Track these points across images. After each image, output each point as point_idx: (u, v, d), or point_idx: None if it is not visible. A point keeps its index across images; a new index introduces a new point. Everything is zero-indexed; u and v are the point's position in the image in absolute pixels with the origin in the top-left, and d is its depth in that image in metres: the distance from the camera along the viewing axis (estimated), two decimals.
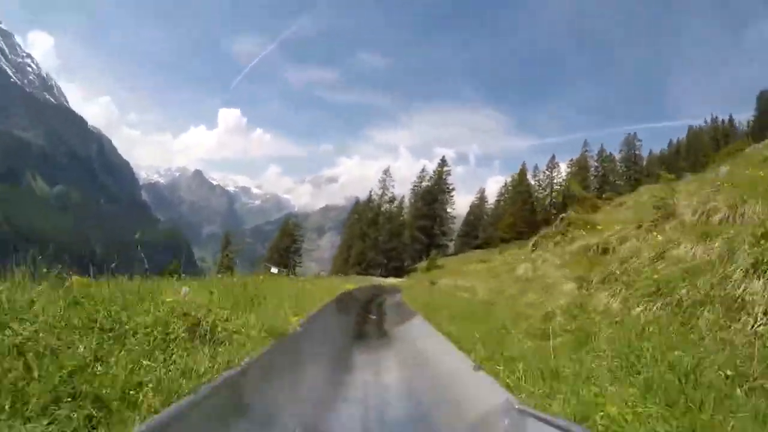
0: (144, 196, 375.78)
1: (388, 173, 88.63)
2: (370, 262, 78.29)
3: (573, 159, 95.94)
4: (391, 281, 44.79)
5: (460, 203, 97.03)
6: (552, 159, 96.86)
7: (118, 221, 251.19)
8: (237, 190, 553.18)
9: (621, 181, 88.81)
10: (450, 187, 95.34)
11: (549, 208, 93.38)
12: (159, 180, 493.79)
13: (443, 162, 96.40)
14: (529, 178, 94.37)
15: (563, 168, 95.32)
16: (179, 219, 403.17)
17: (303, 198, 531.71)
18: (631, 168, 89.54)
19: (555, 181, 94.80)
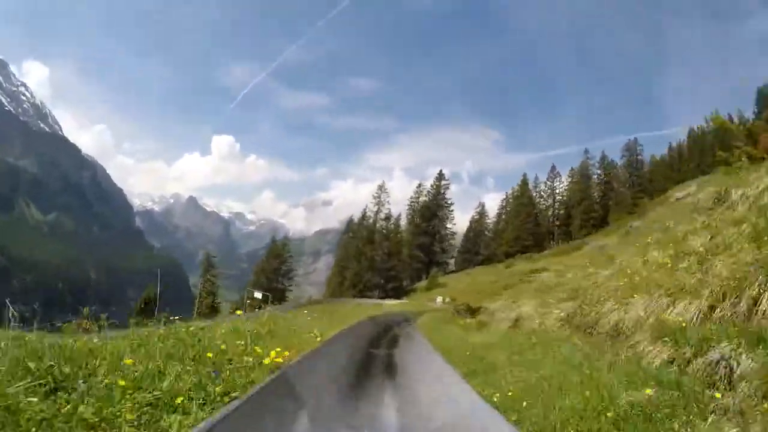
0: (138, 223, 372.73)
1: (383, 188, 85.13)
2: (366, 283, 74.21)
3: (573, 168, 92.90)
4: (393, 306, 40.75)
5: (455, 221, 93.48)
6: (553, 169, 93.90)
7: (112, 248, 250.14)
8: (231, 215, 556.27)
9: (624, 189, 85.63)
10: (449, 202, 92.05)
11: (552, 219, 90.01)
12: (153, 207, 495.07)
13: (441, 176, 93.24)
14: (530, 189, 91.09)
15: (564, 179, 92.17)
16: (174, 246, 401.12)
17: (298, 222, 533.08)
18: (634, 174, 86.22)
19: (557, 192, 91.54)
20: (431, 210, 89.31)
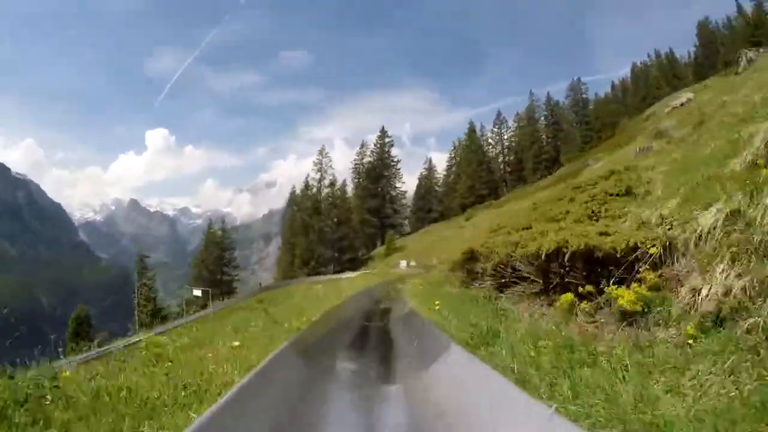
0: (82, 236, 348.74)
1: (324, 153, 76.70)
2: (318, 258, 66.97)
3: (519, 113, 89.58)
4: (354, 281, 33.93)
5: (404, 180, 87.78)
6: (498, 115, 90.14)
7: (59, 267, 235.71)
8: (176, 212, 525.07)
9: (573, 128, 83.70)
10: (395, 160, 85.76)
11: (504, 166, 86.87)
12: (95, 218, 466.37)
13: (384, 134, 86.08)
14: (479, 138, 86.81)
15: (511, 123, 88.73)
16: (122, 253, 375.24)
17: (244, 208, 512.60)
18: (580, 113, 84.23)
19: (505, 138, 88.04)
20: (378, 170, 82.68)
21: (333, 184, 74.66)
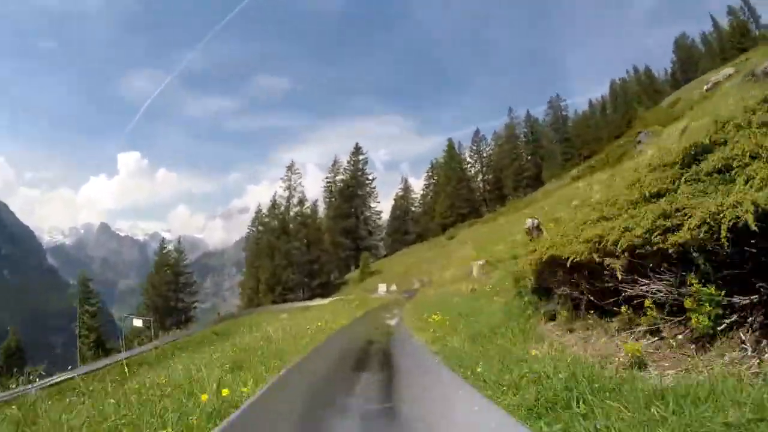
0: (51, 260, 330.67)
1: (293, 169, 70.81)
2: (285, 284, 60.12)
3: (497, 132, 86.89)
4: (323, 310, 27.62)
5: (379, 200, 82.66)
6: (477, 133, 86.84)
7: (26, 293, 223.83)
8: (147, 237, 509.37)
9: (553, 145, 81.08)
10: (370, 178, 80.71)
11: (483, 185, 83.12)
12: (64, 241, 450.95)
13: (358, 150, 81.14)
14: (458, 154, 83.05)
15: (490, 141, 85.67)
16: (91, 278, 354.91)
17: (216, 234, 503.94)
18: (560, 130, 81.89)
19: (484, 156, 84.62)
20: (351, 189, 77.35)
21: (302, 202, 68.64)
